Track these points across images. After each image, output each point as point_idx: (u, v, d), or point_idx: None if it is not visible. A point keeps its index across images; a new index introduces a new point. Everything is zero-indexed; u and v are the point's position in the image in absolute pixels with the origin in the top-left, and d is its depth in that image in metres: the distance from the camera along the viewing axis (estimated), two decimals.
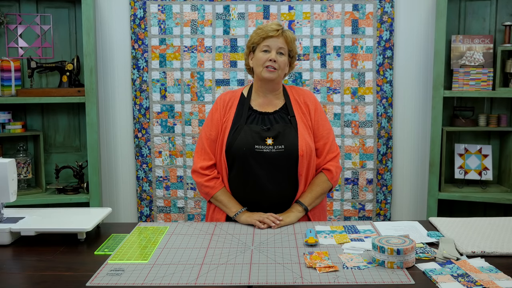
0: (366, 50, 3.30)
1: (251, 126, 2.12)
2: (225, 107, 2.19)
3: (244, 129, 2.11)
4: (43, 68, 3.22)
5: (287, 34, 2.15)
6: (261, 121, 2.14)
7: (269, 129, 2.11)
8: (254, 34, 2.16)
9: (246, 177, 2.09)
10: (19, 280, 1.54)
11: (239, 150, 2.08)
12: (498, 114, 3.24)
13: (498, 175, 3.35)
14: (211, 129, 2.19)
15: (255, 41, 2.15)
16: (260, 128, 2.11)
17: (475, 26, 3.28)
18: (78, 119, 3.42)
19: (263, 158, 2.07)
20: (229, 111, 2.18)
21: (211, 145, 2.18)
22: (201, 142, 2.21)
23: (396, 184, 3.45)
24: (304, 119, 2.18)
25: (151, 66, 3.33)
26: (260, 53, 2.13)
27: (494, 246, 1.72)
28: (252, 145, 2.07)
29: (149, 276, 1.53)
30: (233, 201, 2.13)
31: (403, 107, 3.39)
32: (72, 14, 3.33)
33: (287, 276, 1.52)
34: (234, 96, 2.22)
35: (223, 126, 2.16)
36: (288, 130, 2.12)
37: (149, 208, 3.43)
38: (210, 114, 2.23)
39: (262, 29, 2.13)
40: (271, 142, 2.08)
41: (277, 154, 2.07)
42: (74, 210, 2.09)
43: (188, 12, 3.29)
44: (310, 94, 2.27)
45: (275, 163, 2.08)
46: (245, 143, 2.07)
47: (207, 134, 2.19)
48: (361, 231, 1.93)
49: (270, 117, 2.16)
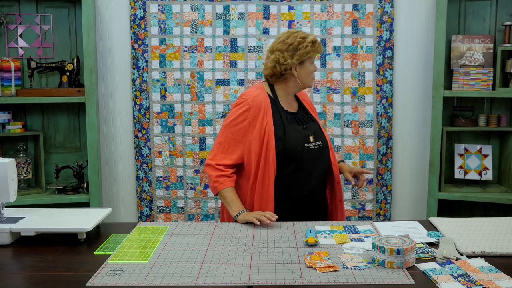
0: (366, 50, 3.30)
1: (293, 126, 2.23)
2: (262, 111, 2.19)
3: (290, 130, 2.20)
4: (43, 68, 3.22)
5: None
6: (296, 121, 2.26)
7: (306, 128, 2.26)
8: (310, 48, 2.20)
9: (300, 174, 2.20)
10: (19, 280, 1.54)
11: (294, 150, 2.18)
12: (498, 114, 3.24)
13: (498, 175, 3.35)
14: (246, 135, 2.19)
15: (310, 56, 2.23)
16: (301, 128, 2.24)
17: (475, 26, 3.28)
18: (78, 119, 3.42)
19: (311, 154, 2.23)
20: (267, 114, 2.19)
21: (237, 148, 2.19)
22: (227, 141, 2.20)
23: (396, 184, 3.45)
24: (315, 116, 2.39)
25: (151, 66, 3.34)
26: (311, 66, 2.25)
27: (494, 246, 1.72)
28: (303, 143, 2.21)
29: (149, 276, 1.53)
30: (238, 201, 2.16)
31: (403, 107, 3.39)
32: (72, 14, 3.33)
33: (287, 276, 1.52)
34: (265, 98, 2.23)
35: (265, 129, 2.16)
36: (317, 127, 2.32)
37: (149, 208, 3.43)
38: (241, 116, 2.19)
39: (318, 46, 2.23)
40: (313, 139, 2.24)
41: (318, 150, 2.25)
42: (74, 210, 2.09)
43: (188, 12, 3.29)
44: (306, 94, 2.48)
45: (318, 158, 2.26)
46: (297, 143, 2.19)
47: (238, 137, 2.19)
48: (361, 231, 1.93)
49: (298, 116, 2.29)
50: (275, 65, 2.20)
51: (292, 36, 2.20)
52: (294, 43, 2.19)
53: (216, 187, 2.18)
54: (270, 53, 2.25)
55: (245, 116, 2.18)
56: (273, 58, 2.21)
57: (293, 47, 2.19)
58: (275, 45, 2.23)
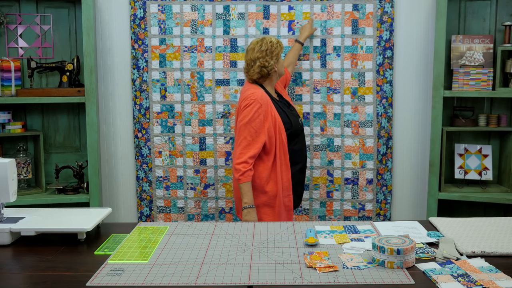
0: (366, 50, 3.30)
1: (288, 110, 2.80)
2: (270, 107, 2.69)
3: (289, 114, 2.77)
4: (43, 68, 3.22)
5: None
6: (285, 105, 2.84)
7: (292, 109, 2.87)
8: (279, 48, 2.75)
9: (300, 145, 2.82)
10: (19, 280, 1.54)
11: (296, 127, 2.78)
12: (498, 114, 3.24)
13: (498, 175, 3.35)
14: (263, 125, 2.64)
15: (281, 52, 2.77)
16: (291, 110, 2.84)
17: (475, 26, 3.28)
18: (78, 119, 3.42)
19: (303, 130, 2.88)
20: (272, 108, 2.70)
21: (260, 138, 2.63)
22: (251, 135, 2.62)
23: (396, 184, 3.45)
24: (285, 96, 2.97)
25: (151, 66, 3.34)
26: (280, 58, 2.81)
27: (494, 246, 1.72)
28: (298, 122, 2.82)
29: (149, 276, 1.53)
30: (251, 195, 2.61)
31: (403, 107, 3.39)
32: (72, 14, 3.33)
33: (287, 276, 1.52)
34: (266, 96, 2.72)
35: (275, 118, 2.68)
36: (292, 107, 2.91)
37: (149, 208, 3.43)
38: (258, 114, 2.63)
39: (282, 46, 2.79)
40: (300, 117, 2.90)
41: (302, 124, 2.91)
42: (74, 210, 2.09)
43: (188, 12, 3.29)
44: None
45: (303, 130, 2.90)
46: (296, 122, 2.80)
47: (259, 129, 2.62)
48: (361, 231, 1.93)
49: (283, 102, 2.87)
50: (261, 69, 2.71)
51: (264, 43, 2.71)
52: (268, 48, 2.71)
53: (240, 179, 2.59)
54: (252, 63, 2.72)
55: (259, 112, 2.63)
56: (258, 65, 2.70)
57: (270, 51, 2.71)
58: (254, 55, 2.70)
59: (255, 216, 2.61)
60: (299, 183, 2.85)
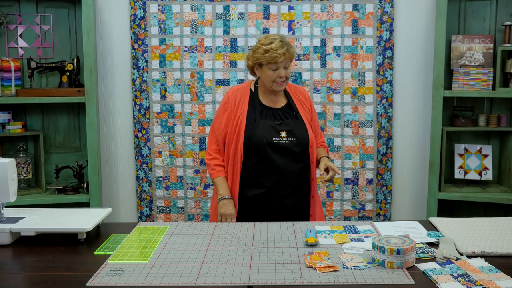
0: (366, 50, 3.30)
1: (266, 121, 2.38)
2: (237, 103, 2.41)
3: (261, 123, 2.36)
4: (43, 68, 3.22)
5: (291, 51, 2.34)
6: (273, 116, 2.40)
7: (281, 123, 2.38)
8: (260, 55, 2.32)
9: (265, 165, 2.35)
10: (19, 280, 1.54)
11: (259, 142, 2.33)
12: (498, 114, 3.24)
13: (498, 175, 3.35)
14: (221, 120, 2.42)
15: (262, 62, 2.34)
16: (275, 122, 2.38)
17: (475, 26, 3.28)
18: (78, 119, 3.42)
19: (279, 148, 2.35)
20: (242, 106, 2.40)
21: (220, 134, 2.42)
22: (213, 129, 2.47)
23: (396, 184, 3.45)
24: (306, 114, 2.48)
25: (151, 66, 3.34)
26: (269, 71, 2.35)
27: (494, 246, 1.72)
28: (270, 137, 2.34)
29: (149, 276, 1.53)
30: (224, 186, 2.39)
31: (403, 107, 3.39)
32: (72, 14, 3.33)
33: (287, 276, 1.52)
34: (245, 92, 2.44)
35: (238, 120, 2.37)
36: (297, 125, 2.41)
37: (149, 208, 3.43)
38: (222, 107, 2.44)
39: (270, 55, 2.30)
40: (285, 134, 2.37)
41: (290, 145, 2.36)
42: (74, 210, 2.09)
43: (188, 12, 3.29)
44: (304, 90, 2.56)
45: (288, 152, 2.36)
46: (264, 136, 2.33)
47: (218, 125, 2.43)
48: (361, 231, 1.93)
49: (279, 112, 2.42)
50: (247, 62, 2.44)
51: (262, 38, 2.36)
52: (256, 45, 2.38)
53: (211, 174, 2.44)
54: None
55: (225, 107, 2.41)
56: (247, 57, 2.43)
57: (254, 48, 2.38)
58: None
59: (232, 208, 2.33)
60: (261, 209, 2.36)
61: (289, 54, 2.33)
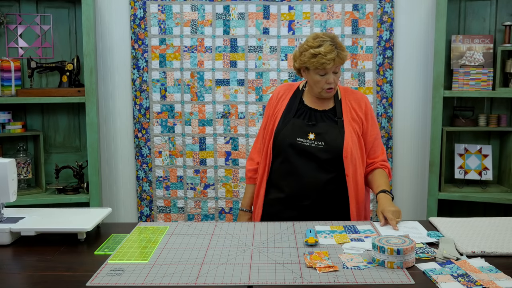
0: (366, 50, 3.30)
1: (297, 119, 2.22)
2: (279, 99, 2.30)
3: (291, 121, 2.22)
4: (43, 68, 3.22)
5: (342, 56, 2.13)
6: (308, 116, 2.22)
7: (314, 125, 2.19)
8: (307, 59, 2.11)
9: (286, 167, 2.20)
10: (19, 280, 1.54)
11: (282, 141, 2.19)
12: (498, 114, 3.24)
13: (498, 175, 3.35)
14: (264, 116, 2.36)
15: (309, 67, 2.14)
16: (306, 122, 2.20)
17: (475, 26, 3.28)
18: (78, 119, 3.42)
19: (302, 151, 2.16)
20: (281, 102, 2.28)
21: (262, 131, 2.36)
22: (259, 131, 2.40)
23: (396, 184, 3.44)
24: (353, 124, 2.21)
25: (151, 66, 3.34)
26: (316, 76, 2.15)
27: (494, 246, 1.72)
28: (294, 138, 2.17)
29: (149, 276, 1.53)
30: (249, 197, 2.38)
31: (403, 107, 3.39)
32: (72, 14, 3.33)
33: (287, 276, 1.52)
34: (290, 89, 2.32)
35: (274, 117, 2.27)
36: (332, 130, 2.19)
37: (149, 208, 3.43)
38: (267, 103, 2.36)
39: (318, 60, 2.08)
40: (313, 137, 2.16)
41: (315, 149, 2.16)
42: (74, 210, 2.09)
43: (188, 12, 3.29)
44: (361, 97, 2.29)
45: (313, 157, 2.16)
46: (288, 135, 2.18)
47: (262, 125, 2.37)
48: (361, 231, 1.93)
49: (317, 114, 2.23)
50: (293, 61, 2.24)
51: (311, 39, 2.13)
52: (303, 46, 2.16)
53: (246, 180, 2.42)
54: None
55: (270, 103, 2.34)
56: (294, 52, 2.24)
57: (301, 49, 2.17)
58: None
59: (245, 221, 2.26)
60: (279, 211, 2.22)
61: (340, 59, 2.11)
